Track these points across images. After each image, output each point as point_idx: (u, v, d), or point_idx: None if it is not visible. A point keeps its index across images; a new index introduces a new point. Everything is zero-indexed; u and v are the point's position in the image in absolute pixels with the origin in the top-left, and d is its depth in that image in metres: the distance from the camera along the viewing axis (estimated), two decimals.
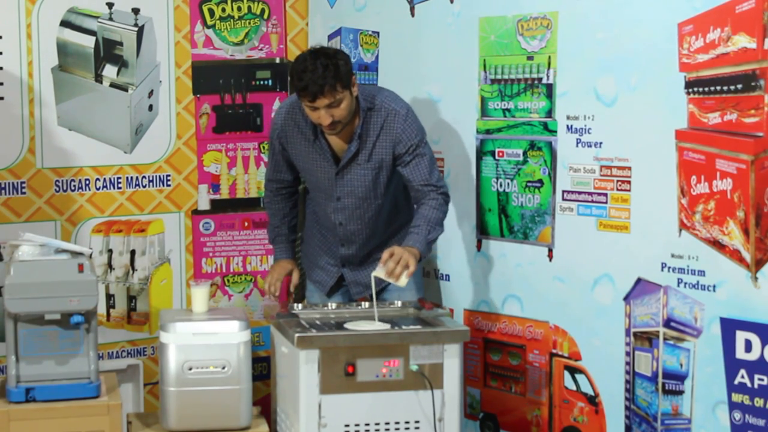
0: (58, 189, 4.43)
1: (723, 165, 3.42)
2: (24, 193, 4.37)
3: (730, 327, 3.44)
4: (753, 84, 3.33)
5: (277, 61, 4.82)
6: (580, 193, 3.88)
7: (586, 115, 3.84)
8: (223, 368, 3.64)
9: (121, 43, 4.51)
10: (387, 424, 3.56)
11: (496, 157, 4.15)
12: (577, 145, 3.87)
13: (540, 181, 4.01)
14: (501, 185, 4.15)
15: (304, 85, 3.75)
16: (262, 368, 4.72)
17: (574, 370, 3.95)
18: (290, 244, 4.26)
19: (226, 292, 4.80)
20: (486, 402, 4.30)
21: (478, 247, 4.24)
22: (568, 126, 3.89)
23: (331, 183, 4.02)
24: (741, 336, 3.42)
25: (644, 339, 3.70)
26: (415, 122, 3.98)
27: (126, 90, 4.53)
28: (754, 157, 3.33)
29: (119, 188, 4.55)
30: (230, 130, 4.77)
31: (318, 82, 3.73)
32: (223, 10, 4.71)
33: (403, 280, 3.73)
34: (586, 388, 3.92)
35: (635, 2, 3.66)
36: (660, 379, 3.66)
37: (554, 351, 4.01)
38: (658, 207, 3.62)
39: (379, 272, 3.75)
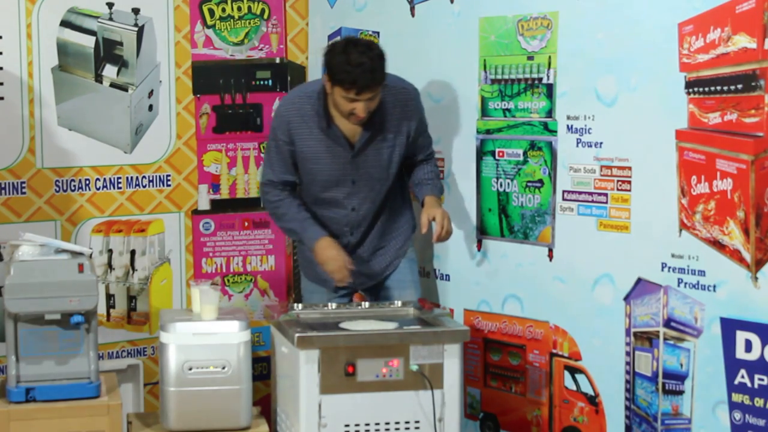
0: (58, 189, 4.43)
1: (723, 165, 3.42)
2: (24, 193, 4.37)
3: (730, 327, 3.44)
4: (753, 84, 3.32)
5: (277, 61, 4.82)
6: (580, 193, 3.88)
7: (586, 115, 3.83)
8: (223, 368, 3.63)
9: (121, 43, 4.51)
10: (387, 424, 3.56)
11: (497, 157, 4.15)
12: (577, 145, 3.87)
13: (540, 181, 4.01)
14: (501, 185, 4.14)
15: (353, 79, 3.75)
16: (262, 368, 4.72)
17: (574, 370, 3.95)
18: (319, 224, 4.11)
19: (226, 292, 4.80)
20: (486, 402, 4.30)
21: (478, 247, 4.24)
22: (568, 126, 3.89)
23: (346, 168, 4.02)
24: (741, 336, 3.41)
25: (644, 339, 3.70)
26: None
27: (126, 90, 4.53)
28: (755, 157, 3.33)
29: (119, 188, 4.55)
30: (230, 130, 4.77)
31: (367, 77, 3.76)
32: (223, 10, 4.71)
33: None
34: (586, 388, 3.91)
35: (635, 2, 3.66)
36: (660, 379, 3.66)
37: (554, 351, 4.00)
38: (659, 207, 3.62)
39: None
